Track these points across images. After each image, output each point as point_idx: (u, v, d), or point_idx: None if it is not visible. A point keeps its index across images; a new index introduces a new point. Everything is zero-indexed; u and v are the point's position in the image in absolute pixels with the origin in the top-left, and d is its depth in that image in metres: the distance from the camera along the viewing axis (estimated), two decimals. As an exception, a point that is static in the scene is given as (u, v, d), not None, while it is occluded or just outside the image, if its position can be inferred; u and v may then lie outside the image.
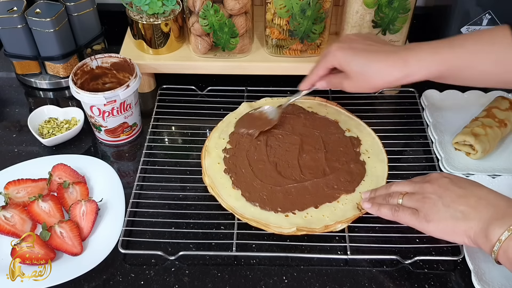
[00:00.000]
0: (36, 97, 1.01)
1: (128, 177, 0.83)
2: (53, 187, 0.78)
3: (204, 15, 0.86)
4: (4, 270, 0.68)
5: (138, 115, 0.89)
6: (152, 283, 0.69)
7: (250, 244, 0.73)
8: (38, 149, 0.88)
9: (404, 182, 0.71)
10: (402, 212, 0.67)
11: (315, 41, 0.91)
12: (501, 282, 0.66)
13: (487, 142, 0.82)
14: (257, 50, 0.96)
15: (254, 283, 0.69)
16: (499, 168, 0.82)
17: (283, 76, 0.95)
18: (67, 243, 0.71)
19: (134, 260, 0.72)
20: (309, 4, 0.84)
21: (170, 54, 0.95)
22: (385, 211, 0.69)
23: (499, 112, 0.86)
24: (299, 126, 0.86)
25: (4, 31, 0.94)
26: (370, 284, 0.69)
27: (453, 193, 0.64)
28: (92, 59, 0.87)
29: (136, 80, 0.83)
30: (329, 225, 0.72)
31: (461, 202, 0.63)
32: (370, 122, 0.88)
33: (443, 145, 0.85)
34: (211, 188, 0.77)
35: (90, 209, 0.74)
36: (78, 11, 0.96)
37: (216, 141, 0.84)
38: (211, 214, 0.77)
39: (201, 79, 0.98)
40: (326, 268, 0.71)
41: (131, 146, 0.90)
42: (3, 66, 1.06)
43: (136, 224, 0.76)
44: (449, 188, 0.65)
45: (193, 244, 0.73)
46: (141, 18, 0.91)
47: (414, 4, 0.87)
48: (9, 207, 0.74)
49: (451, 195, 0.64)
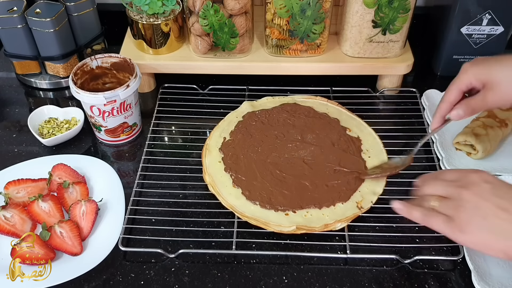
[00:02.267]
0: (36, 97, 1.01)
1: (128, 177, 0.83)
2: (53, 187, 0.78)
3: (204, 15, 0.86)
4: (4, 270, 0.68)
5: (138, 115, 0.89)
6: (152, 283, 0.69)
7: (250, 243, 0.73)
8: (38, 149, 0.88)
9: (437, 182, 0.63)
10: (434, 218, 0.60)
11: (315, 41, 0.91)
12: (501, 282, 0.66)
13: (488, 142, 0.82)
14: (257, 50, 0.96)
15: (254, 283, 0.69)
16: (499, 168, 0.81)
17: (283, 76, 0.95)
18: (67, 243, 0.71)
19: (134, 259, 0.72)
20: (309, 4, 0.84)
21: (170, 54, 0.95)
22: (417, 215, 0.62)
23: (500, 112, 0.86)
24: (300, 125, 0.86)
25: (4, 31, 0.94)
26: (370, 283, 0.69)
27: (493, 204, 0.57)
28: (92, 59, 0.87)
29: (136, 80, 0.83)
30: (329, 224, 0.72)
31: (501, 215, 0.56)
32: (371, 122, 0.88)
33: (443, 145, 0.85)
34: (211, 186, 0.77)
35: (90, 209, 0.74)
36: (78, 11, 0.96)
37: (217, 139, 0.84)
38: (211, 212, 0.77)
39: (201, 79, 0.98)
40: (326, 267, 0.71)
41: (131, 146, 0.90)
42: (3, 66, 1.06)
43: (137, 222, 0.76)
44: (489, 199, 0.58)
45: (193, 243, 0.73)
46: (141, 18, 0.91)
47: (414, 4, 0.87)
48: (9, 207, 0.74)
49: (490, 207, 0.57)
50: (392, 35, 0.90)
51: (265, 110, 0.88)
